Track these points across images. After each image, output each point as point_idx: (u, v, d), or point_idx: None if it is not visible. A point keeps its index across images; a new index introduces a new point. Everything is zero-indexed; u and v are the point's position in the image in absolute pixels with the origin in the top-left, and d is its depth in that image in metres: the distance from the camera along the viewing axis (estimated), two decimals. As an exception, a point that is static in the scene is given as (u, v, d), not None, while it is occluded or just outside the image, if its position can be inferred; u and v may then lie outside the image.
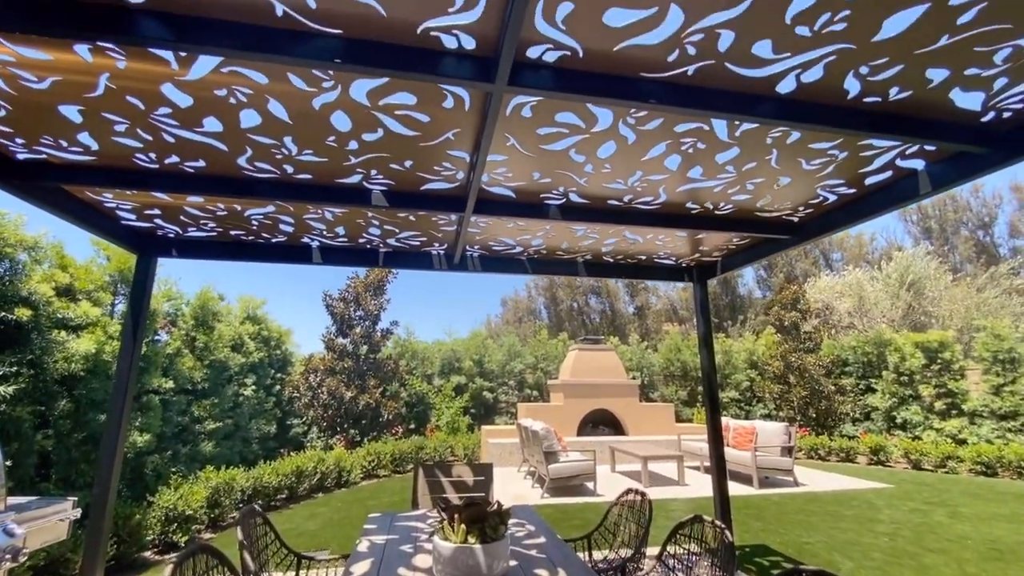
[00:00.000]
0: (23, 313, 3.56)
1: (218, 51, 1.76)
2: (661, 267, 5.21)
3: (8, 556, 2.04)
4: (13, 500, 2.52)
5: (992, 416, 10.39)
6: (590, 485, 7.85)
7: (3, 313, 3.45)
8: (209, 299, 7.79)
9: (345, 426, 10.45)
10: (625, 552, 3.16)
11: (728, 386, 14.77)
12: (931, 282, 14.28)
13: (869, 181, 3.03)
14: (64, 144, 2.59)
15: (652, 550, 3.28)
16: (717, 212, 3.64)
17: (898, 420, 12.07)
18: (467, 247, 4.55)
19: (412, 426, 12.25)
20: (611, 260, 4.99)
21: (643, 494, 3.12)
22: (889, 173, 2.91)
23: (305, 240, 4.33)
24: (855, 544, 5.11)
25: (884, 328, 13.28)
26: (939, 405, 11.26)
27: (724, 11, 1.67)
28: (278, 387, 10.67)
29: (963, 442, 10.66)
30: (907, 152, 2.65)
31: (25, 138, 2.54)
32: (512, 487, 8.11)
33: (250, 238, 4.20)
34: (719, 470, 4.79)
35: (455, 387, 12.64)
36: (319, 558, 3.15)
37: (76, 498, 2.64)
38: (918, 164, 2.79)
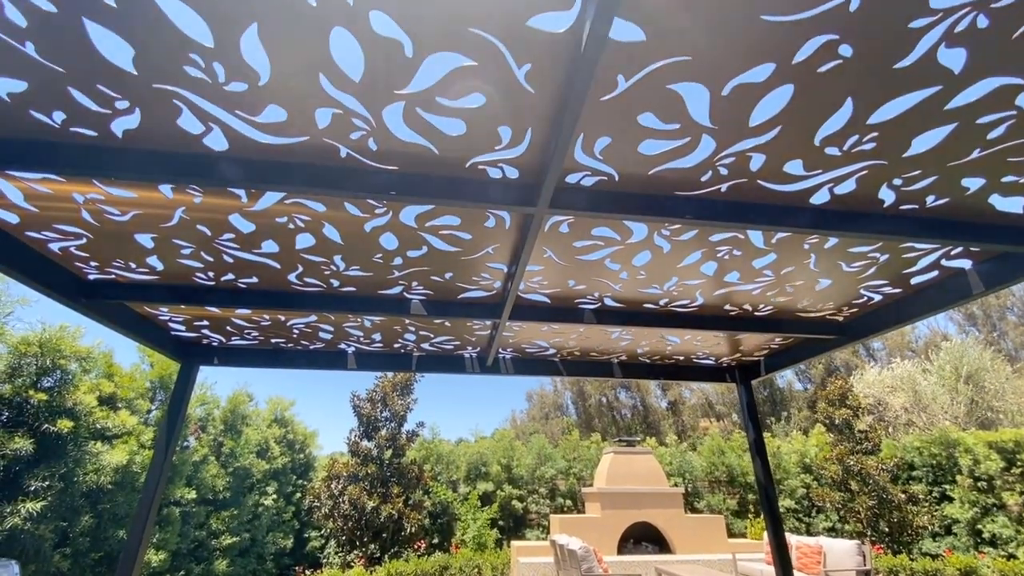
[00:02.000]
0: (65, 425, 3.61)
1: (286, 189, 1.94)
2: (701, 367, 5.02)
3: None
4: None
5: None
6: (638, 618, 6.88)
7: (46, 426, 3.50)
8: (240, 402, 7.81)
9: (364, 540, 9.72)
10: None
11: (782, 493, 13.39)
12: (990, 374, 13.22)
13: (915, 281, 2.96)
14: (133, 266, 2.80)
15: None
16: (757, 313, 3.57)
17: (984, 534, 10.53)
18: (500, 350, 4.52)
19: (435, 540, 11.32)
20: (647, 361, 4.86)
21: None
22: (935, 273, 2.85)
23: (342, 346, 4.40)
24: None
25: (949, 426, 12.12)
26: (1033, 518, 9.83)
27: (753, 138, 1.78)
28: (298, 495, 10.20)
29: (1070, 565, 9.10)
30: (952, 253, 2.61)
31: (99, 262, 2.76)
32: (548, 619, 7.17)
33: (289, 345, 4.30)
34: None
35: (481, 495, 11.84)
36: None
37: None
38: (965, 264, 2.73)
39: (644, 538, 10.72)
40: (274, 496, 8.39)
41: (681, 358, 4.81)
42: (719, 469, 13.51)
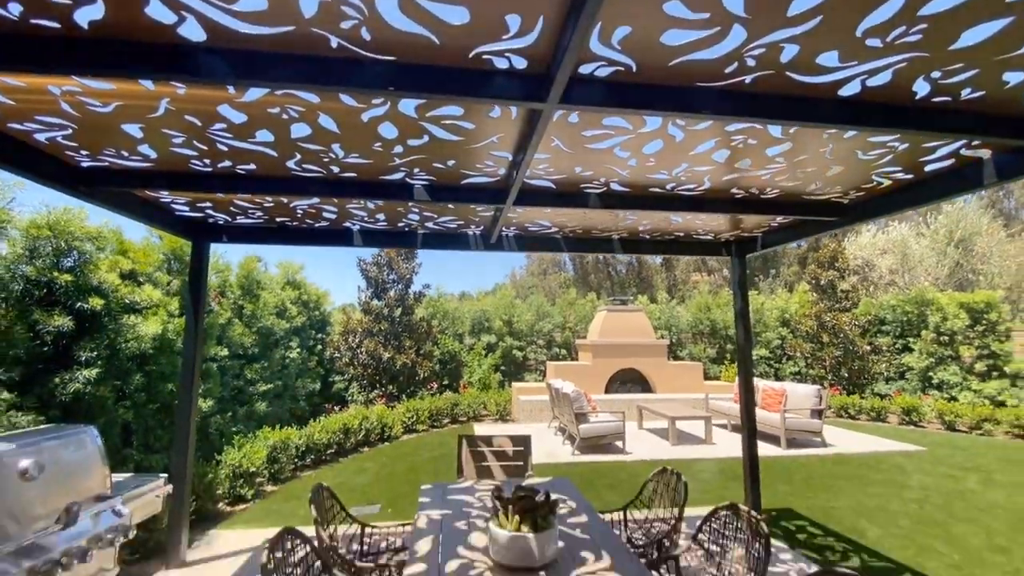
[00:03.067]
0: (96, 302, 3.85)
1: (274, 85, 1.80)
2: (699, 242, 5.14)
3: (120, 535, 2.36)
4: (115, 478, 2.84)
5: (1037, 379, 10.12)
6: (619, 444, 8.17)
7: (80, 304, 3.75)
8: (252, 268, 8.12)
9: (383, 382, 11.01)
10: (659, 526, 3.38)
11: (759, 343, 14.71)
12: (983, 238, 13.48)
13: (930, 168, 2.89)
14: (125, 154, 2.71)
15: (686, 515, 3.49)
16: (762, 196, 3.55)
17: (934, 381, 11.89)
18: (504, 228, 4.58)
19: (446, 382, 12.80)
20: (648, 237, 4.95)
21: (678, 475, 3.28)
22: (951, 161, 2.77)
23: (347, 225, 4.45)
24: (882, 510, 5.26)
25: (927, 287, 12.79)
26: (980, 367, 11.00)
27: (790, 28, 1.60)
28: (320, 347, 11.23)
29: (1002, 404, 10.48)
30: (973, 143, 2.51)
31: (89, 150, 2.67)
32: (544, 444, 8.52)
33: (295, 223, 4.34)
34: (750, 436, 4.92)
35: (486, 346, 13.03)
36: (378, 524, 3.48)
37: (166, 475, 2.97)
38: (984, 153, 2.64)
39: (630, 381, 12.11)
40: (298, 350, 9.24)
41: (681, 234, 4.90)
42: (703, 323, 14.64)
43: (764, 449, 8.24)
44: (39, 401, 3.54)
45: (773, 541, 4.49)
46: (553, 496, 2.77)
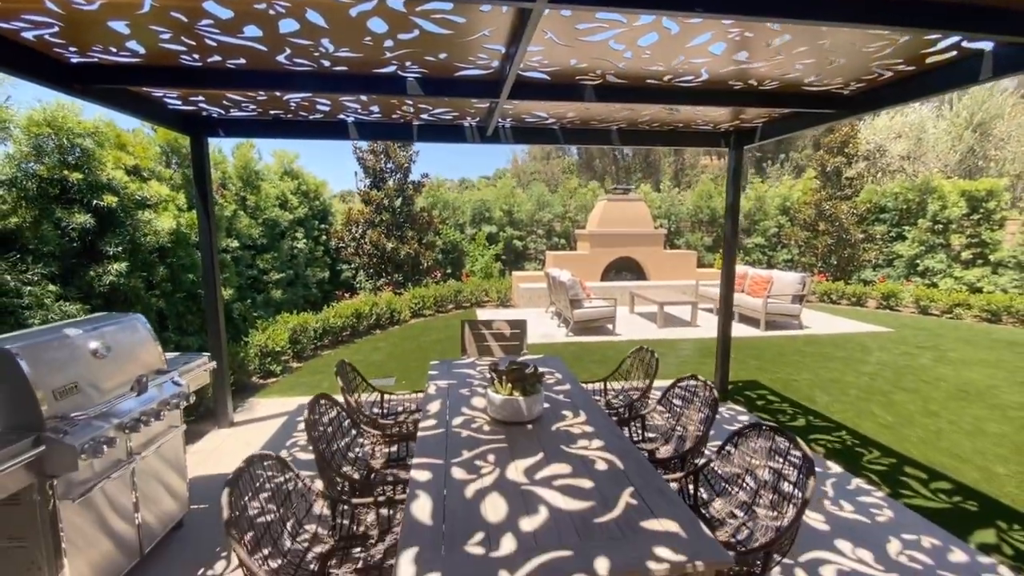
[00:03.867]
0: (110, 199, 4.01)
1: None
2: (698, 133, 5.08)
3: (182, 400, 2.84)
4: (168, 355, 3.29)
5: (1018, 267, 10.48)
6: (610, 326, 8.84)
7: (96, 201, 3.91)
8: (249, 158, 8.05)
9: (389, 271, 11.49)
10: (634, 393, 3.93)
11: (755, 232, 14.90)
12: (1003, 121, 12.78)
13: (931, 60, 2.84)
14: (113, 50, 2.68)
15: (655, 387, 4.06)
16: (761, 88, 3.49)
17: (920, 268, 12.30)
18: (500, 120, 4.53)
19: (449, 271, 13.31)
20: (647, 128, 4.90)
21: (652, 352, 3.74)
22: (953, 53, 2.72)
23: (341, 117, 4.41)
24: (836, 382, 5.95)
25: (935, 174, 12.53)
26: (966, 254, 11.31)
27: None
28: (324, 237, 11.51)
29: (979, 290, 10.99)
30: (976, 35, 2.45)
31: (77, 46, 2.64)
32: (541, 327, 9.21)
33: (289, 116, 4.31)
34: (726, 317, 5.40)
35: (487, 236, 13.28)
36: (394, 392, 4.05)
37: (208, 354, 3.42)
38: (986, 45, 2.59)
39: (625, 269, 12.57)
40: (304, 240, 9.53)
41: (681, 125, 4.84)
42: (703, 212, 14.67)
43: (744, 331, 8.93)
44: (81, 292, 3.90)
45: (734, 406, 5.20)
46: (542, 369, 3.22)
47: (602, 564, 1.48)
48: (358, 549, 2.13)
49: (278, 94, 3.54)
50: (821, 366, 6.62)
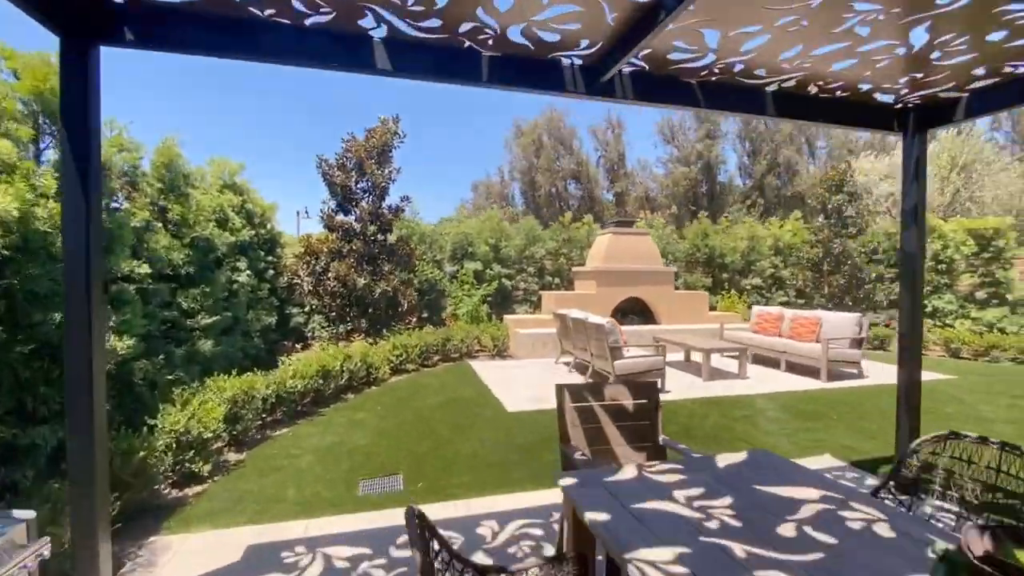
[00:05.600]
0: None
1: None
2: (867, 108, 3.63)
3: None
4: None
5: (1039, 306, 10.07)
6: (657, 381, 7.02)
7: None
8: (173, 155, 5.75)
9: (353, 314, 9.13)
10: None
11: (752, 273, 14.07)
12: (983, 165, 13.25)
13: None
14: None
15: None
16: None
17: (928, 308, 11.76)
18: (629, 62, 2.79)
19: (424, 315, 11.10)
20: (808, 93, 3.37)
21: (1016, 447, 1.94)
22: None
23: (362, 25, 2.48)
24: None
25: (929, 215, 12.38)
26: (981, 294, 10.85)
27: None
28: (271, 272, 9.04)
29: (1002, 331, 10.44)
30: None
31: None
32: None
33: (262, 12, 2.32)
34: (912, 361, 3.78)
35: (473, 274, 11.32)
36: (423, 508, 1.94)
37: (34, 512, 1.21)
38: None
39: (631, 312, 11.02)
40: (247, 272, 7.10)
41: (848, 94, 3.36)
42: (701, 251, 13.68)
43: (801, 382, 7.47)
44: None
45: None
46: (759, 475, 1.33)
47: None
48: None
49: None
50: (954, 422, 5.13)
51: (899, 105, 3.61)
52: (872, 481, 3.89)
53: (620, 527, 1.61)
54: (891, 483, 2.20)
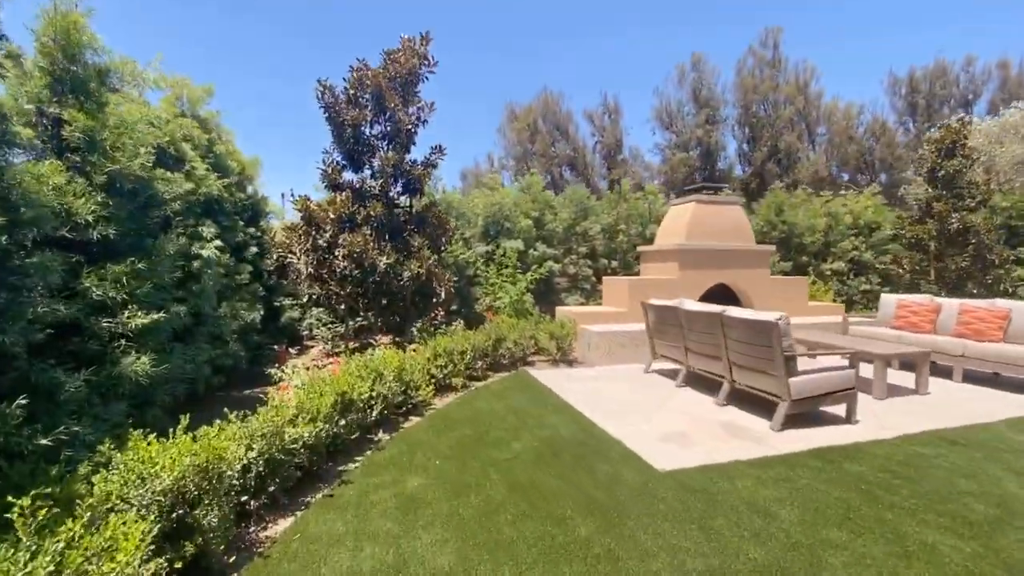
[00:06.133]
0: None
1: None
2: None
3: None
4: None
5: None
6: (839, 411, 4.71)
7: None
8: (79, 29, 3.23)
9: (375, 306, 6.69)
10: None
11: (831, 256, 11.88)
12: None
13: None
14: None
15: None
16: None
17: (1059, 297, 9.70)
18: None
19: (453, 307, 8.68)
20: None
21: None
22: None
23: None
24: None
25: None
26: None
27: None
28: (254, 249, 6.55)
29: None
30: None
31: None
32: (674, 409, 4.93)
33: None
34: None
35: (517, 254, 8.90)
36: None
37: None
38: None
39: (719, 302, 8.72)
40: (216, 244, 4.60)
41: None
42: (778, 229, 11.44)
43: (994, 401, 5.26)
44: None
45: None
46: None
47: None
48: None
49: None
50: None
51: None
52: None
53: None
54: None
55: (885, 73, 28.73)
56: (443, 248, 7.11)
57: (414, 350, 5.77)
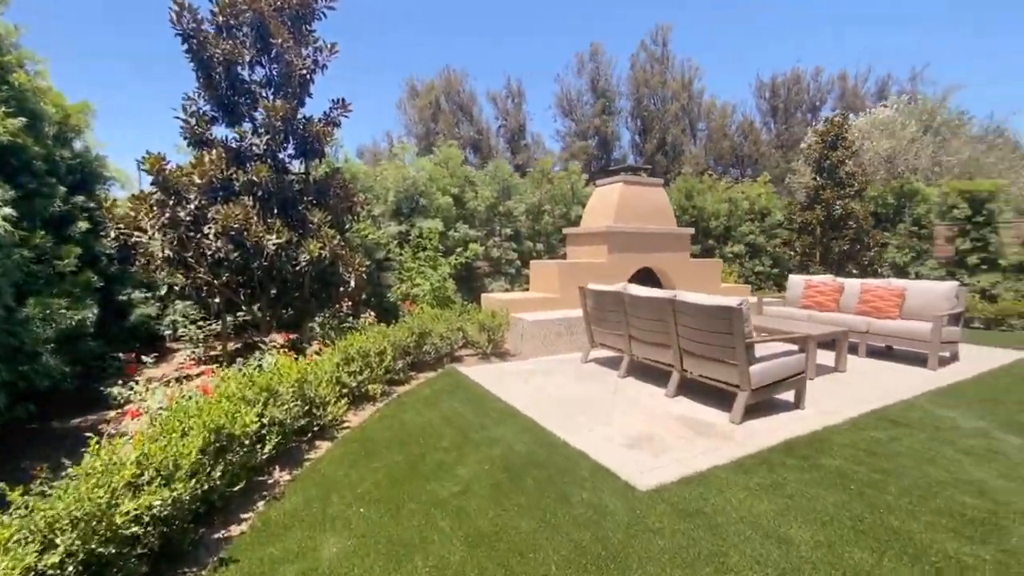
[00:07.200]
0: None
1: None
2: None
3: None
4: None
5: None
6: (790, 397, 4.58)
7: None
8: None
9: (262, 297, 5.37)
10: None
11: (732, 239, 12.58)
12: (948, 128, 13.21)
13: None
14: None
15: None
16: None
17: (911, 275, 11.21)
18: None
19: (362, 296, 7.50)
20: None
21: None
22: None
23: None
24: None
25: (910, 176, 11.87)
26: (973, 259, 10.38)
27: None
28: (84, 224, 4.84)
29: (994, 298, 10.03)
30: None
31: None
32: (623, 406, 4.52)
33: None
34: None
35: (438, 235, 7.90)
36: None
37: None
38: None
39: (637, 283, 8.61)
40: (7, 214, 3.10)
41: None
42: (687, 213, 11.76)
43: (921, 374, 5.68)
44: None
45: None
46: None
47: None
48: None
49: None
50: None
51: None
52: None
53: None
54: None
55: (754, 77, 31.72)
56: (349, 226, 5.91)
57: (317, 352, 4.64)
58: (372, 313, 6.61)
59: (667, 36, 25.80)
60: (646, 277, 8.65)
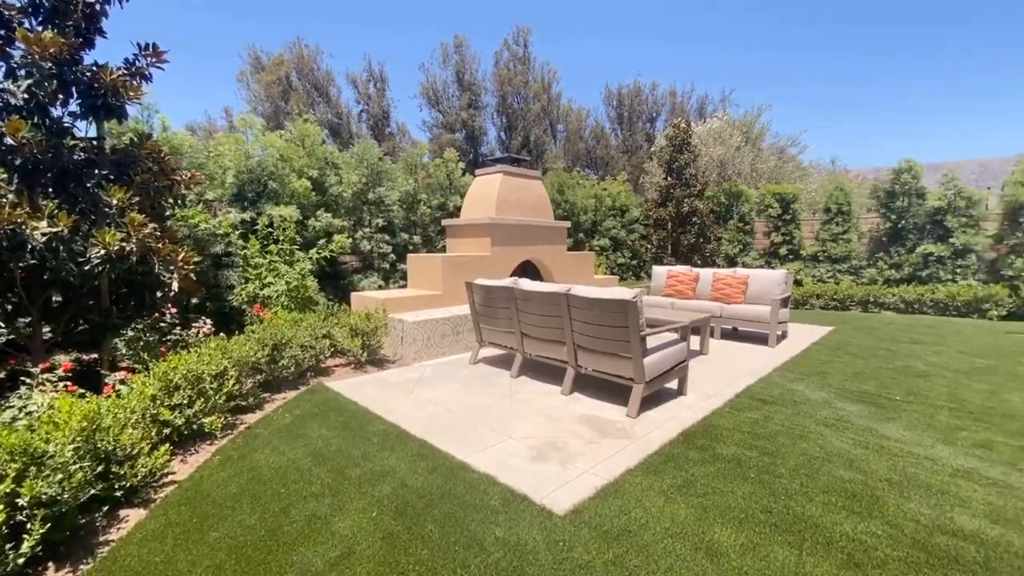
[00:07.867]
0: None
1: None
2: None
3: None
4: None
5: (827, 260, 12.01)
6: (672, 385, 4.68)
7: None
8: None
9: (13, 310, 3.82)
10: None
11: (598, 234, 13.30)
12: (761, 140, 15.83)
13: None
14: None
15: None
16: None
17: (738, 263, 13.08)
18: None
19: (195, 301, 6.03)
20: None
21: None
22: None
23: None
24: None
25: (737, 180, 13.77)
26: (784, 251, 12.45)
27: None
28: None
29: (799, 282, 12.15)
30: None
31: None
32: (521, 410, 4.27)
33: None
34: None
35: (295, 226, 6.66)
36: None
37: None
38: None
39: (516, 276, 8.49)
40: None
41: None
42: (560, 207, 12.03)
43: (766, 352, 6.45)
44: None
45: None
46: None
47: None
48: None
49: None
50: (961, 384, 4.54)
51: None
52: None
53: None
54: None
55: (603, 86, 34.32)
56: (171, 212, 4.57)
57: (123, 381, 3.42)
58: (208, 322, 5.28)
59: (528, 38, 26.41)
60: (526, 270, 8.54)
